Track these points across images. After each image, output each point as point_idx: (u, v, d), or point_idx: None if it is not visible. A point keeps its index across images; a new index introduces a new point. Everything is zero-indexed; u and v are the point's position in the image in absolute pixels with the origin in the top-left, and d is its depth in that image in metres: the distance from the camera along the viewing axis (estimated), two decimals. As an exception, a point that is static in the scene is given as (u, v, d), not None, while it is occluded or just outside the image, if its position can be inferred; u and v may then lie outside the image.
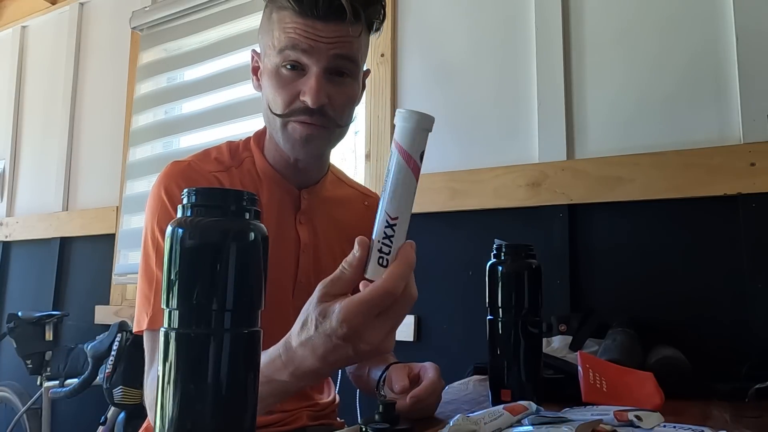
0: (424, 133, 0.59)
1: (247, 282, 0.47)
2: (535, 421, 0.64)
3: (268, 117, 0.90)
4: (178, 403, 0.45)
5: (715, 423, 0.75)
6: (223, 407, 0.45)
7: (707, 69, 1.30)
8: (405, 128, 0.58)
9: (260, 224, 0.49)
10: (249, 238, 0.47)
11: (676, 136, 1.31)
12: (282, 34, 0.84)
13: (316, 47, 0.83)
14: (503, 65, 1.54)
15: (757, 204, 1.20)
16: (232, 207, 0.47)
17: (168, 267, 0.46)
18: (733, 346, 1.19)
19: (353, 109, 0.93)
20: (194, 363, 0.45)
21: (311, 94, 0.83)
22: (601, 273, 1.35)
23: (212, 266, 0.45)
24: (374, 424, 0.68)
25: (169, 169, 0.90)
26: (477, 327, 1.39)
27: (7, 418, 2.23)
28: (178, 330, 0.45)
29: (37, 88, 2.67)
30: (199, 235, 0.46)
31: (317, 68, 0.84)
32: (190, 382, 0.45)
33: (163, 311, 0.46)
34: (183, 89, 2.17)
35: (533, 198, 1.43)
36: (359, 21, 0.84)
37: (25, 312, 2.18)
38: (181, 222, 0.46)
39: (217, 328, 0.45)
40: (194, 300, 0.45)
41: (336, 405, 1.09)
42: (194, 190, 0.47)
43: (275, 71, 0.87)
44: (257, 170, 0.95)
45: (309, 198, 0.97)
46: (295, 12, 0.83)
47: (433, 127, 0.59)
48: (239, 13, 2.02)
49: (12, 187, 2.68)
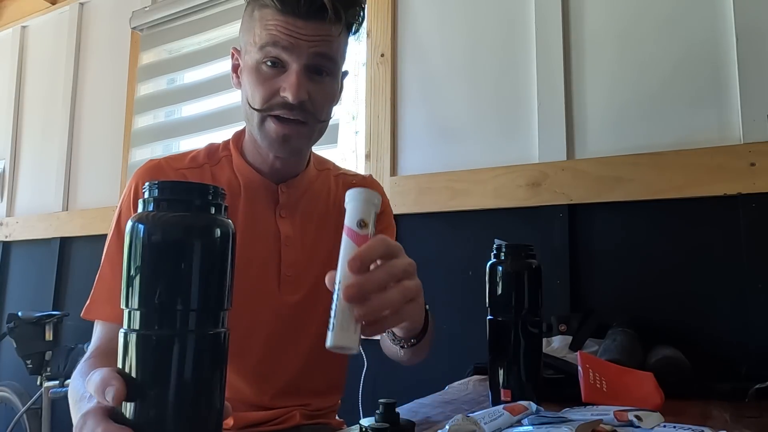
0: (362, 204, 0.59)
1: (213, 280, 0.44)
2: (535, 421, 0.64)
3: (247, 112, 0.91)
4: (139, 409, 0.42)
5: (715, 423, 0.75)
6: (187, 414, 0.42)
7: (707, 69, 1.30)
8: (348, 206, 0.60)
9: (227, 220, 0.46)
10: (215, 234, 0.44)
11: (676, 136, 1.31)
12: (263, 31, 0.85)
13: (296, 44, 0.84)
14: (503, 65, 1.54)
15: (757, 204, 1.20)
16: (196, 201, 0.44)
17: (128, 265, 0.43)
18: (733, 346, 1.19)
19: (332, 107, 0.93)
20: (156, 366, 0.42)
21: (291, 90, 0.84)
22: (601, 273, 1.35)
23: (175, 264, 0.42)
24: (374, 424, 0.68)
25: (141, 167, 0.93)
26: (477, 327, 1.40)
27: (7, 418, 2.23)
28: (139, 331, 0.42)
29: (37, 88, 2.67)
30: (161, 231, 0.43)
31: (297, 65, 0.85)
32: (152, 386, 0.42)
33: (122, 311, 0.44)
34: (184, 92, 2.17)
35: (533, 198, 1.43)
36: (340, 21, 0.85)
37: (25, 312, 2.18)
38: (142, 217, 0.43)
39: (181, 329, 0.42)
40: (156, 300, 0.42)
41: (336, 406, 1.09)
42: (156, 184, 0.44)
43: (255, 67, 0.87)
44: (234, 168, 0.96)
45: (288, 191, 0.97)
46: (276, 10, 0.84)
47: (374, 199, 0.60)
48: (240, 14, 2.02)
49: (12, 187, 2.68)
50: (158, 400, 0.42)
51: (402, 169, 1.65)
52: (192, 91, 2.12)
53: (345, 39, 0.91)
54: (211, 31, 2.11)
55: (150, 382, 0.42)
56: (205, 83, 2.08)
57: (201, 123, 2.07)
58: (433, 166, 1.60)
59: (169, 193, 0.44)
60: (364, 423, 0.69)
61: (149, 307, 0.42)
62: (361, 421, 0.70)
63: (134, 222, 0.43)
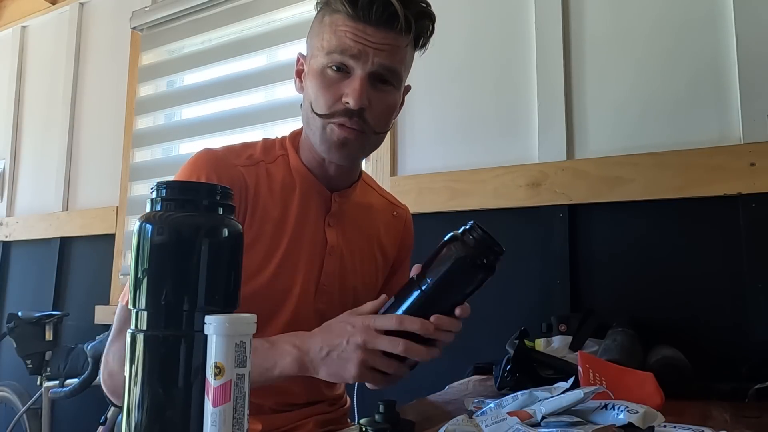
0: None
1: (220, 281, 0.44)
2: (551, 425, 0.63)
3: (308, 116, 0.91)
4: (147, 410, 0.41)
5: (715, 423, 0.75)
6: (194, 414, 0.42)
7: (707, 69, 1.30)
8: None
9: (234, 220, 0.46)
10: (222, 234, 0.44)
11: (676, 136, 1.31)
12: (332, 36, 0.86)
13: (363, 51, 0.85)
14: (503, 65, 1.54)
15: (757, 204, 1.20)
16: (204, 201, 0.44)
17: (135, 265, 0.42)
18: (733, 346, 1.19)
19: (391, 119, 0.94)
20: (164, 367, 0.42)
21: (353, 96, 0.85)
22: (601, 273, 1.35)
23: (183, 264, 0.42)
24: (374, 424, 0.68)
25: (199, 156, 0.91)
26: (477, 327, 1.40)
27: (7, 418, 2.23)
28: (146, 332, 0.42)
29: (37, 88, 2.67)
30: (168, 231, 0.42)
31: (362, 71, 0.85)
32: (159, 387, 0.42)
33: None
34: (185, 94, 2.16)
35: (533, 198, 1.43)
36: (409, 31, 0.86)
37: (25, 312, 2.18)
38: (150, 217, 0.43)
39: (188, 330, 0.42)
40: (163, 300, 0.42)
41: (347, 412, 1.09)
42: (165, 183, 0.44)
43: (321, 72, 0.88)
44: (291, 169, 0.96)
45: (340, 201, 0.98)
46: (348, 15, 0.85)
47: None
48: (241, 14, 2.02)
49: (12, 187, 2.68)
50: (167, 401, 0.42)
51: (402, 169, 1.65)
52: (195, 94, 2.12)
53: (411, 52, 0.92)
54: (212, 31, 2.11)
55: (157, 383, 0.42)
56: (209, 86, 2.07)
57: (203, 126, 2.06)
58: (433, 166, 1.60)
59: (178, 192, 0.44)
60: (363, 423, 0.69)
61: (155, 307, 0.42)
62: (361, 421, 0.70)
63: (142, 222, 0.43)
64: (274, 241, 0.91)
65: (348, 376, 0.75)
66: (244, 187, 0.90)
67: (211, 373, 0.41)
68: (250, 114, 1.93)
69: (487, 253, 0.74)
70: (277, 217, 0.92)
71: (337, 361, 0.75)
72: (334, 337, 0.76)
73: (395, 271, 1.09)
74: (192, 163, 0.90)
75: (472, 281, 0.75)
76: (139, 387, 0.42)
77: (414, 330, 0.74)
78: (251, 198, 0.90)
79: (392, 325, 0.74)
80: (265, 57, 2.00)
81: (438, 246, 0.77)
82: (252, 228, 0.90)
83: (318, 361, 0.76)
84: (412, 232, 1.14)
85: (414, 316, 0.75)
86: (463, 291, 0.76)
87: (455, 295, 0.76)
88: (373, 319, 0.75)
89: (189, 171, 0.89)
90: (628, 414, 0.62)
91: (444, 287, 0.75)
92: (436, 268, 0.74)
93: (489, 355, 1.27)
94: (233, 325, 0.41)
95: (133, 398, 0.42)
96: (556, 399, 0.66)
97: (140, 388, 0.42)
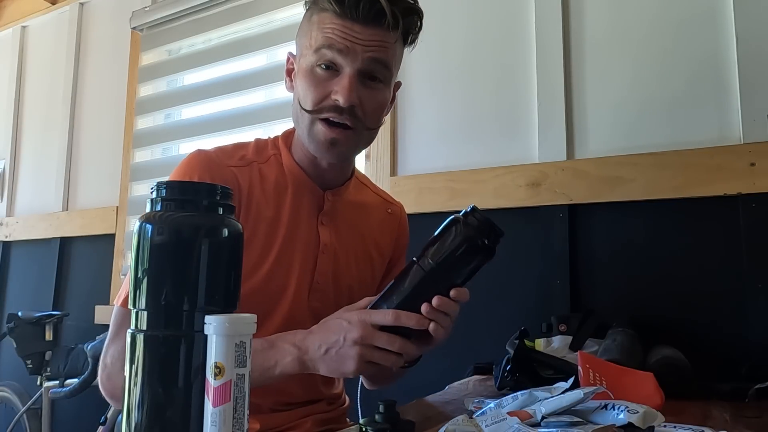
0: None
1: (220, 281, 0.44)
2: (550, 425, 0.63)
3: (297, 114, 0.91)
4: (147, 410, 0.41)
5: (715, 423, 0.75)
6: (194, 414, 0.42)
7: (707, 69, 1.30)
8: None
9: (234, 220, 0.46)
10: (222, 234, 0.44)
11: (676, 136, 1.31)
12: (320, 34, 0.86)
13: (352, 48, 0.85)
14: (503, 65, 1.54)
15: (757, 204, 1.20)
16: (204, 202, 0.44)
17: (135, 265, 0.42)
18: (733, 346, 1.19)
19: (382, 115, 0.94)
20: (164, 367, 0.41)
21: (343, 93, 0.85)
22: (601, 273, 1.35)
23: (183, 264, 0.42)
24: (374, 424, 0.68)
25: (192, 158, 0.91)
26: (477, 327, 1.40)
27: (7, 418, 2.23)
28: (146, 332, 0.42)
29: (37, 88, 2.67)
30: (168, 231, 0.42)
31: (351, 69, 0.86)
32: (159, 387, 0.41)
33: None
34: (185, 94, 2.16)
35: (533, 198, 1.43)
36: (397, 28, 0.86)
37: (25, 312, 2.18)
38: (150, 217, 0.43)
39: (187, 330, 0.42)
40: (163, 300, 0.42)
41: (345, 411, 1.08)
42: (164, 183, 0.44)
43: (310, 70, 0.88)
44: (284, 168, 0.96)
45: (333, 199, 0.98)
46: (335, 14, 0.85)
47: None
48: (241, 14, 2.02)
49: (12, 187, 2.67)
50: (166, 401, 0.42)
51: (402, 169, 1.65)
52: (195, 93, 2.11)
53: (400, 48, 0.92)
54: (213, 31, 2.10)
55: (157, 384, 0.42)
56: (209, 86, 2.07)
57: (203, 126, 2.06)
58: (433, 166, 1.60)
59: (178, 193, 0.44)
60: (364, 423, 0.69)
61: (155, 307, 0.42)
62: (361, 421, 0.70)
63: (142, 222, 0.43)
64: (268, 241, 0.91)
65: (347, 371, 0.76)
66: (237, 188, 0.90)
67: (211, 373, 0.41)
68: (250, 114, 1.93)
69: (489, 234, 0.75)
70: (270, 217, 0.92)
71: (335, 358, 0.76)
72: (332, 334, 0.77)
73: (391, 269, 1.09)
74: (185, 164, 0.90)
75: (473, 261, 0.76)
76: (139, 387, 0.42)
77: (410, 325, 0.75)
78: (244, 198, 0.91)
79: (388, 320, 0.75)
80: (264, 57, 2.00)
81: (440, 229, 0.77)
82: (246, 229, 0.89)
83: (317, 358, 0.77)
84: (408, 229, 1.14)
85: (409, 311, 0.75)
86: (463, 273, 0.77)
87: (455, 278, 0.77)
88: (369, 315, 0.76)
89: (182, 173, 0.89)
90: (628, 414, 0.62)
91: (446, 268, 0.75)
92: (439, 249, 0.75)
93: (489, 355, 1.27)
94: (233, 325, 0.41)
95: (133, 398, 0.42)
96: (556, 399, 0.66)
97: (140, 388, 0.42)
